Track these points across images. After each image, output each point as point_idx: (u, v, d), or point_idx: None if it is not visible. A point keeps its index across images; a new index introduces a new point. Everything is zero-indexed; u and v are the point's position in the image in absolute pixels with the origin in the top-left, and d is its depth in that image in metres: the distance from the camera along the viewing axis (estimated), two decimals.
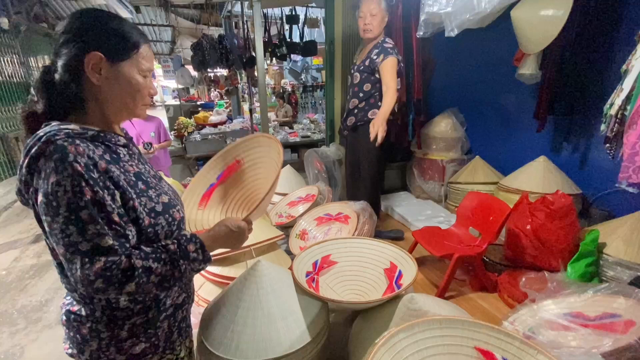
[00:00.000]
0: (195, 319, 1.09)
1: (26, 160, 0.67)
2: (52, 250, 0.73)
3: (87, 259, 0.65)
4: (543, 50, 1.93)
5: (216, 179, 1.34)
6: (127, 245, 0.70)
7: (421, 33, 2.09)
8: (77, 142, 0.67)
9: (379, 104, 2.27)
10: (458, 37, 2.02)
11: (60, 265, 0.74)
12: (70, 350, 0.80)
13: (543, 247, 1.74)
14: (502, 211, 1.76)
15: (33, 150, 0.66)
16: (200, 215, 1.27)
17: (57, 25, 0.75)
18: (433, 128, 2.95)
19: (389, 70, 2.19)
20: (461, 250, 1.80)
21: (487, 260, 1.96)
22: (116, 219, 0.68)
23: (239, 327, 1.04)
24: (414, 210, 2.78)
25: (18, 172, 0.70)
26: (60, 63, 0.71)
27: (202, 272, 1.53)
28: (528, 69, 2.09)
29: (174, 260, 0.73)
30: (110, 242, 0.66)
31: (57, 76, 0.72)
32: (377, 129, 2.07)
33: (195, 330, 1.09)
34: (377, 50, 2.24)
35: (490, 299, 1.74)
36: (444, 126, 2.91)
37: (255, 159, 1.33)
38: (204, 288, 1.55)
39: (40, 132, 0.68)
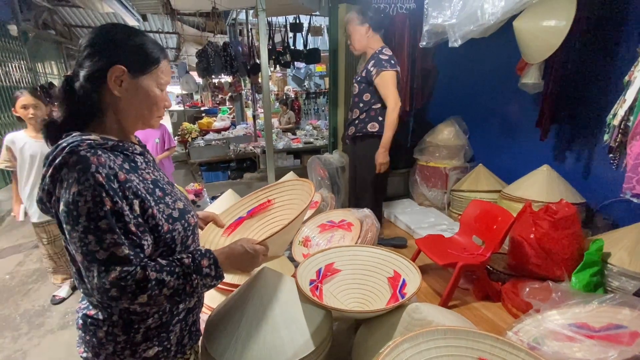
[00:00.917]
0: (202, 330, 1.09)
1: (50, 170, 0.69)
2: (72, 257, 0.75)
3: (103, 268, 0.66)
4: (545, 59, 1.94)
5: (246, 213, 1.45)
6: (142, 255, 0.71)
7: (424, 43, 2.11)
8: (99, 152, 0.69)
9: (380, 118, 2.29)
10: (461, 46, 2.04)
11: (79, 272, 0.76)
12: (85, 354, 0.81)
13: (547, 256, 1.73)
14: (505, 220, 1.76)
15: (57, 160, 0.68)
16: (222, 242, 1.37)
17: (81, 39, 0.77)
18: (436, 136, 2.96)
19: (385, 85, 2.19)
20: (465, 259, 1.80)
21: (491, 269, 1.96)
22: (133, 228, 0.70)
23: (243, 335, 1.05)
24: (416, 218, 2.78)
25: (41, 181, 0.72)
26: (82, 74, 0.74)
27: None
28: (530, 78, 2.11)
29: (187, 274, 0.74)
30: (126, 251, 0.68)
31: (78, 86, 0.75)
32: (380, 161, 2.26)
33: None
34: (373, 62, 2.25)
35: (494, 309, 1.73)
36: (446, 134, 2.93)
37: (286, 201, 1.43)
38: (208, 295, 1.55)
39: (63, 143, 0.70)
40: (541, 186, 2.17)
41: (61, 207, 0.67)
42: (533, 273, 1.78)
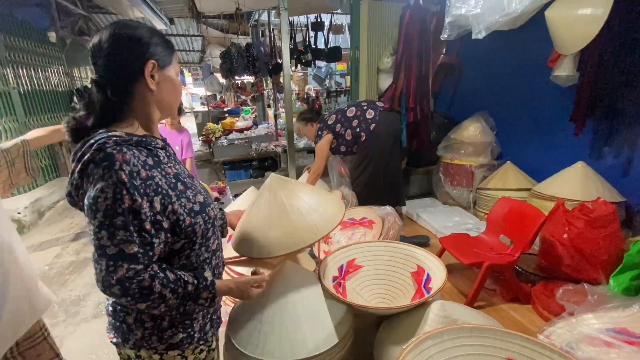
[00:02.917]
0: (224, 319, 1.12)
1: (78, 166, 0.72)
2: None
3: (112, 263, 0.69)
4: (580, 50, 1.84)
5: None
6: (151, 253, 0.73)
7: (446, 35, 2.06)
8: (124, 149, 0.72)
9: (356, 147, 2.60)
10: (488, 39, 1.97)
11: None
12: (115, 340, 0.84)
13: (582, 257, 1.64)
14: (535, 219, 1.68)
15: (85, 156, 0.71)
16: None
17: (94, 40, 0.78)
18: (461, 132, 2.88)
19: (316, 153, 2.63)
20: (491, 258, 1.73)
21: (520, 269, 1.88)
22: (147, 226, 0.72)
23: (266, 327, 1.06)
24: (441, 217, 2.71)
25: (70, 176, 0.75)
26: (112, 75, 0.77)
27: (230, 272, 1.58)
28: (564, 71, 2.00)
29: (184, 298, 0.77)
30: (135, 249, 0.70)
31: (108, 87, 0.77)
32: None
33: (222, 329, 1.12)
34: None
35: (523, 311, 1.66)
36: (472, 130, 2.84)
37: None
38: None
39: (91, 140, 0.73)
40: (575, 184, 2.06)
41: (85, 200, 0.71)
42: (566, 275, 1.69)
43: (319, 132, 2.64)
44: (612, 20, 1.65)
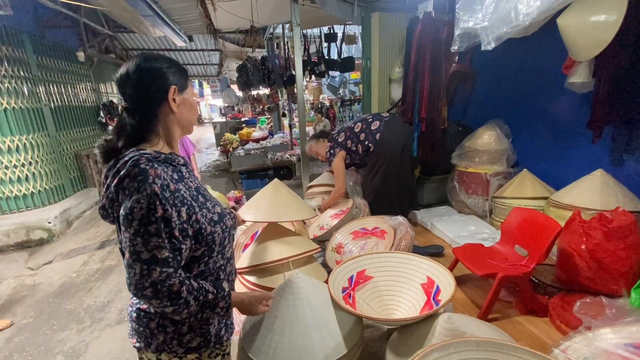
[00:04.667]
0: (236, 326, 1.16)
1: (114, 181, 0.80)
2: (124, 255, 0.85)
3: (145, 267, 0.75)
4: (596, 56, 1.81)
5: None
6: (179, 257, 0.80)
7: (456, 47, 2.07)
8: (155, 165, 0.80)
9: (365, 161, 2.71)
10: (501, 46, 1.95)
11: None
12: (138, 344, 0.91)
13: (601, 269, 1.59)
14: (550, 229, 1.65)
15: (122, 172, 0.79)
16: None
17: (121, 72, 0.87)
18: (475, 140, 2.85)
19: (334, 172, 2.67)
20: (505, 269, 1.70)
21: (537, 281, 1.83)
22: (176, 233, 0.79)
23: (277, 336, 1.10)
24: (455, 226, 2.67)
25: (105, 190, 0.83)
26: (142, 102, 0.86)
27: (242, 281, 1.63)
28: (579, 77, 1.97)
29: (204, 306, 0.83)
30: (166, 254, 0.77)
31: (138, 113, 0.86)
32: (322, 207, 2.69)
33: (235, 338, 1.17)
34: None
35: (539, 324, 1.62)
36: (487, 138, 2.80)
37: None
38: None
39: (125, 157, 0.81)
40: (594, 193, 2.00)
41: (121, 211, 0.78)
42: (585, 287, 1.64)
43: (332, 151, 2.71)
44: (627, 25, 1.62)
